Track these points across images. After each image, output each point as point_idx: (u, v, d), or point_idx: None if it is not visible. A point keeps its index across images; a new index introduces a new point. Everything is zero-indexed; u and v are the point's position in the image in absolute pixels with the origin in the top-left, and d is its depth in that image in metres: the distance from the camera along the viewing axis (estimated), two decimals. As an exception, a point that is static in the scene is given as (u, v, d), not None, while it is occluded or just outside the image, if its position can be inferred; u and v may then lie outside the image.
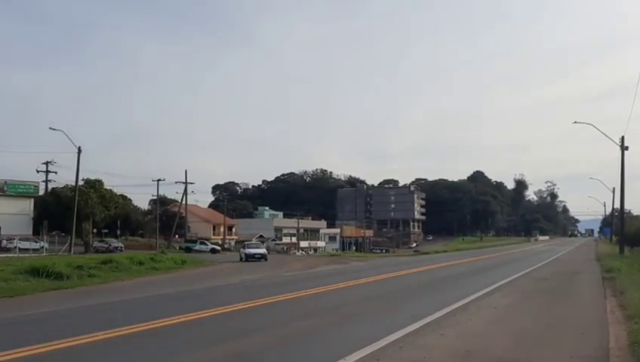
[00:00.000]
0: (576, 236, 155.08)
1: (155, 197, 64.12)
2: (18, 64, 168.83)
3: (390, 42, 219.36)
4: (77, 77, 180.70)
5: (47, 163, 56.63)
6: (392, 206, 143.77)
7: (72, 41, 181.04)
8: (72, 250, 39.43)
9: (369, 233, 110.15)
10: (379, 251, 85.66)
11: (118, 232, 55.76)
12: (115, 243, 47.37)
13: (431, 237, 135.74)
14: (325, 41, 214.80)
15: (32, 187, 53.43)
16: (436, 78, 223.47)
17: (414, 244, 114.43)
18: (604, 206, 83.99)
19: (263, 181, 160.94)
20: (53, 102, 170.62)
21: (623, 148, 32.14)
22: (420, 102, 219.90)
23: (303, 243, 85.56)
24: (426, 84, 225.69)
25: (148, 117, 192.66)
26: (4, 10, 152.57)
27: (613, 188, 55.96)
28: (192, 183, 58.74)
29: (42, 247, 42.04)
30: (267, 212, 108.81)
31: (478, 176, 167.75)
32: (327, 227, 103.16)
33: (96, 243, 47.77)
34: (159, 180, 58.43)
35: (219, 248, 56.06)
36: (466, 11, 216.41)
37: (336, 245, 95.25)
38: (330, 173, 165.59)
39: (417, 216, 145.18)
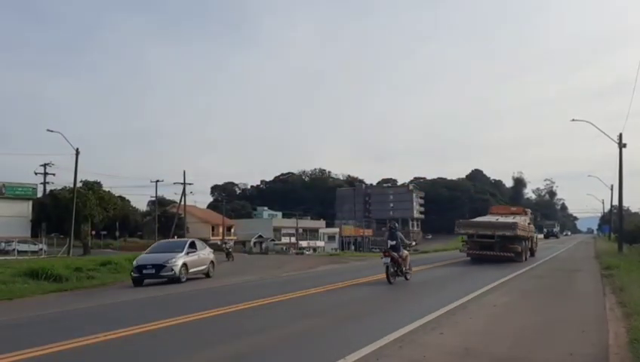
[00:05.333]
0: (555, 236, 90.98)
1: (153, 199, 64.37)
2: (18, 64, 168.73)
3: (389, 42, 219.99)
4: (75, 78, 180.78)
5: (45, 165, 56.70)
6: (391, 205, 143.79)
7: (73, 42, 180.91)
8: (71, 251, 39.40)
9: (368, 232, 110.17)
10: (378, 250, 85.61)
11: (117, 234, 55.73)
12: None
13: (430, 236, 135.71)
14: (324, 41, 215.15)
15: (30, 189, 53.39)
16: (435, 77, 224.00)
17: (414, 243, 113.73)
18: (603, 203, 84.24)
19: (262, 181, 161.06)
20: (51, 103, 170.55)
21: (621, 145, 32.25)
22: (418, 101, 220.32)
23: (303, 243, 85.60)
24: (425, 83, 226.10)
25: (146, 118, 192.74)
26: (7, 10, 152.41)
27: (612, 186, 56.25)
28: (190, 184, 59.05)
29: (41, 249, 42.04)
30: (266, 212, 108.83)
31: (476, 175, 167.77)
32: (326, 226, 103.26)
33: None
34: (157, 181, 58.56)
35: None
36: (465, 12, 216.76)
37: (336, 245, 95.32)
38: (329, 172, 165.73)
39: (416, 214, 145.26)
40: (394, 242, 16.31)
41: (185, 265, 18.06)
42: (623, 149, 32.16)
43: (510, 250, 24.54)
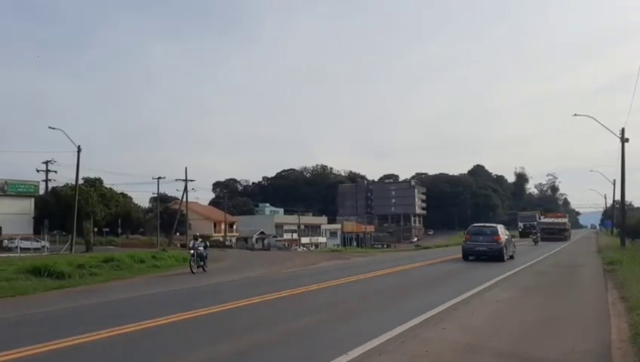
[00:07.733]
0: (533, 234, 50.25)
1: (155, 195, 64.37)
2: (20, 62, 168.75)
3: (391, 39, 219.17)
4: (77, 76, 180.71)
5: (47, 162, 56.60)
6: (393, 201, 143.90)
7: (74, 40, 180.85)
8: (73, 248, 39.46)
9: (370, 228, 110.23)
10: (380, 246, 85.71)
11: (120, 231, 55.78)
12: None
13: (432, 232, 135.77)
14: (326, 38, 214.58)
15: (33, 186, 53.47)
16: (437, 73, 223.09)
17: (415, 239, 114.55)
18: (605, 198, 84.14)
19: (264, 178, 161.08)
20: (53, 101, 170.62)
21: (623, 140, 32.18)
22: (420, 97, 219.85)
23: (304, 240, 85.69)
24: (426, 79, 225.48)
25: (147, 115, 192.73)
26: (8, 7, 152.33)
27: (614, 181, 56.12)
28: (192, 181, 58.71)
29: (43, 247, 42.10)
30: (268, 208, 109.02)
31: (478, 170, 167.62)
32: (328, 223, 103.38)
33: None
34: (159, 178, 58.53)
35: None
36: (468, 7, 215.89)
37: (337, 241, 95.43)
38: (331, 168, 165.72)
39: (418, 210, 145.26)
40: (534, 230, 48.12)
41: None
42: (626, 144, 32.12)
43: (562, 235, 52.99)
